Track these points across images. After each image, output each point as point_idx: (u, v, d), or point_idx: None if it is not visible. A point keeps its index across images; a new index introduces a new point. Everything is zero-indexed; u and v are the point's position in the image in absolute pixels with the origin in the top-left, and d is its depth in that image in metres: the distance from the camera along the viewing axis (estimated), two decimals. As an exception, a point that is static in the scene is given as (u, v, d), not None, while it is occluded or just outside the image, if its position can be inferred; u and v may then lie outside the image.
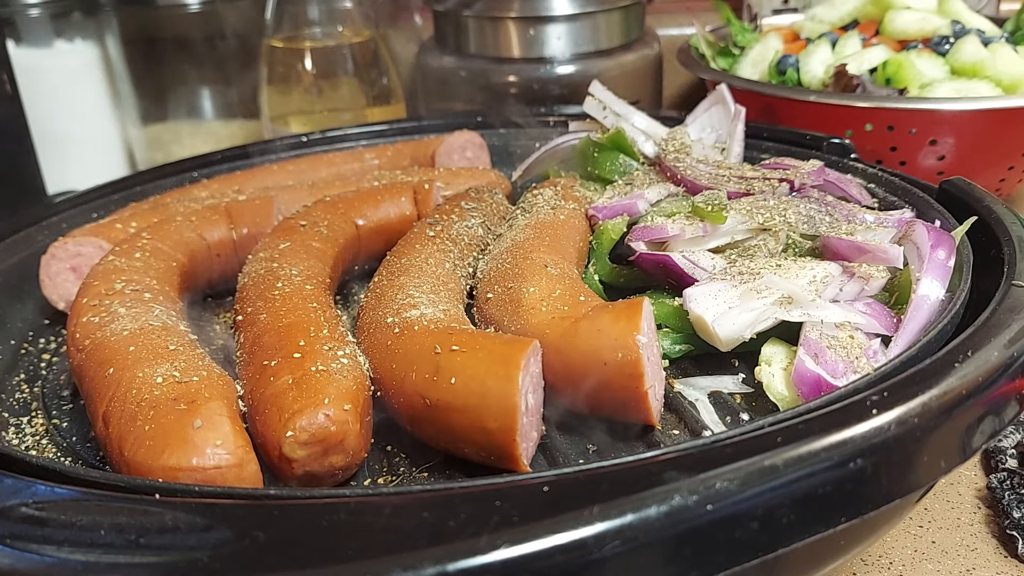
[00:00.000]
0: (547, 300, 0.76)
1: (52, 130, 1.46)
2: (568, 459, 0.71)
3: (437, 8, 1.54)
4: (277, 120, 1.53)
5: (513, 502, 0.45)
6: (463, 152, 1.25)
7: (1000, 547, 0.73)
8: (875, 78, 1.27)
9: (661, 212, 0.94)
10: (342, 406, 0.64)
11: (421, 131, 1.34)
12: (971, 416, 0.55)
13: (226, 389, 0.67)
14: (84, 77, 1.51)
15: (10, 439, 0.77)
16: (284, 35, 1.51)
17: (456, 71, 1.52)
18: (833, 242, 0.84)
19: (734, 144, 1.08)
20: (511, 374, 0.64)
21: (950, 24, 1.32)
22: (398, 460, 0.72)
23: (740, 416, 0.75)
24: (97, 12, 1.51)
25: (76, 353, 0.74)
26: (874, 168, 1.03)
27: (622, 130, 1.08)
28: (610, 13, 1.48)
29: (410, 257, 0.87)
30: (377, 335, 0.75)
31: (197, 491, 0.54)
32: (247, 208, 1.03)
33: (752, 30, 1.59)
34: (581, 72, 1.47)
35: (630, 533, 0.44)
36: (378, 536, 0.45)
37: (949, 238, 0.79)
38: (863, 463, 0.49)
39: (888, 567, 0.72)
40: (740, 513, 0.46)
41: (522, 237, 0.90)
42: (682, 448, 0.51)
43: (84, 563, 0.46)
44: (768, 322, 0.76)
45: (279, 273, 0.84)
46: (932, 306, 0.75)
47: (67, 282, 0.96)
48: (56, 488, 0.51)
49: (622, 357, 0.67)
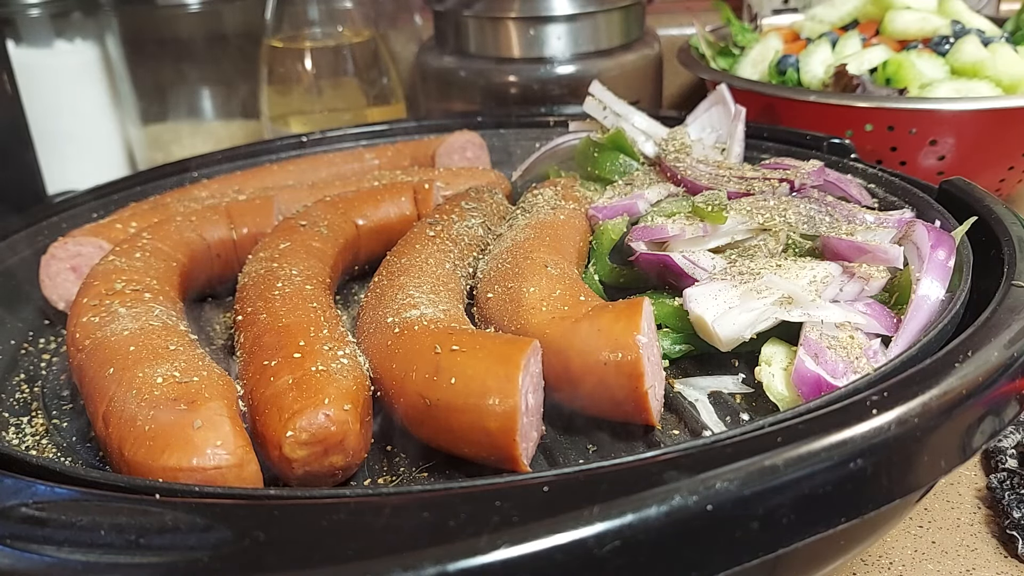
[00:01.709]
0: (547, 300, 0.76)
1: (52, 130, 1.46)
2: (568, 459, 0.71)
3: (437, 8, 1.54)
4: (277, 120, 1.53)
5: (513, 502, 0.45)
6: (463, 152, 1.25)
7: (1000, 547, 0.73)
8: (875, 78, 1.27)
9: (661, 212, 0.94)
10: (342, 406, 0.64)
11: (421, 131, 1.34)
12: (971, 416, 0.55)
13: (226, 389, 0.67)
14: (84, 77, 1.51)
15: (10, 439, 0.77)
16: (284, 35, 1.51)
17: (456, 71, 1.52)
18: (833, 242, 0.84)
19: (734, 144, 1.08)
20: (511, 374, 0.64)
21: (950, 24, 1.32)
22: (398, 460, 0.72)
23: (740, 416, 0.75)
24: (97, 12, 1.50)
25: (76, 353, 0.74)
26: (874, 168, 1.03)
27: (622, 130, 1.08)
28: (610, 13, 1.48)
29: (410, 257, 0.87)
30: (377, 335, 0.75)
31: (197, 491, 0.54)
32: (247, 208, 1.03)
33: (752, 30, 1.59)
34: (581, 72, 1.47)
35: (630, 533, 0.44)
36: (378, 536, 0.45)
37: (949, 238, 0.79)
38: (863, 463, 0.49)
39: (888, 567, 0.72)
40: (740, 513, 0.46)
41: (522, 237, 0.90)
42: (682, 448, 0.51)
43: (84, 563, 0.46)
44: (768, 322, 0.76)
45: (279, 273, 0.84)
46: (932, 306, 0.75)
47: (67, 282, 0.96)
48: (56, 488, 0.51)
49: (622, 357, 0.67)
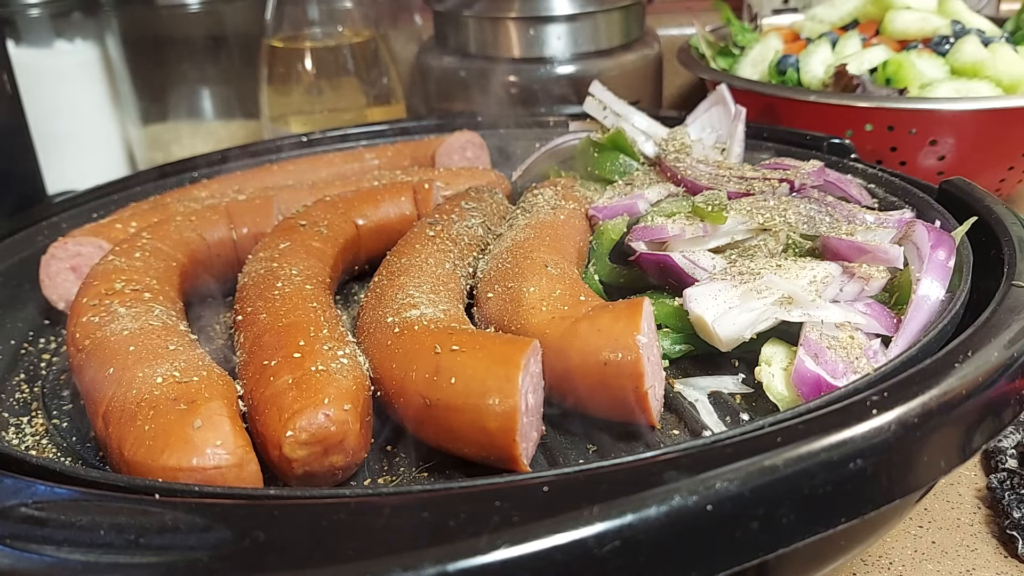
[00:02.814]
0: (547, 300, 0.76)
1: (52, 130, 1.46)
2: (568, 459, 0.71)
3: (437, 8, 1.54)
4: (277, 120, 1.53)
5: (513, 502, 0.45)
6: (463, 152, 1.25)
7: (1000, 547, 0.73)
8: (875, 78, 1.27)
9: (661, 212, 0.94)
10: (342, 406, 0.64)
11: (421, 131, 1.34)
12: (971, 416, 0.55)
13: (226, 389, 0.67)
14: (84, 77, 1.51)
15: (10, 439, 0.77)
16: (284, 35, 1.51)
17: (456, 71, 1.52)
18: (833, 242, 0.84)
19: (734, 144, 1.08)
20: (511, 374, 0.64)
21: (950, 24, 1.32)
22: (398, 460, 0.72)
23: (740, 416, 0.75)
24: (97, 12, 1.50)
25: (76, 353, 0.74)
26: (874, 168, 1.03)
27: (622, 130, 1.08)
28: (610, 13, 1.48)
29: (410, 257, 0.87)
30: (377, 335, 0.75)
31: (197, 491, 0.54)
32: (247, 208, 1.03)
33: (752, 30, 1.59)
34: (581, 72, 1.47)
35: (630, 533, 0.44)
36: (378, 536, 0.45)
37: (949, 238, 0.79)
38: (863, 463, 0.49)
39: (888, 567, 0.72)
40: (740, 513, 0.46)
41: (522, 237, 0.90)
42: (682, 448, 0.51)
43: (84, 563, 0.46)
44: (768, 322, 0.76)
45: (279, 273, 0.84)
46: (932, 306, 0.75)
47: (67, 282, 0.96)
48: (56, 488, 0.51)
49: (622, 357, 0.67)
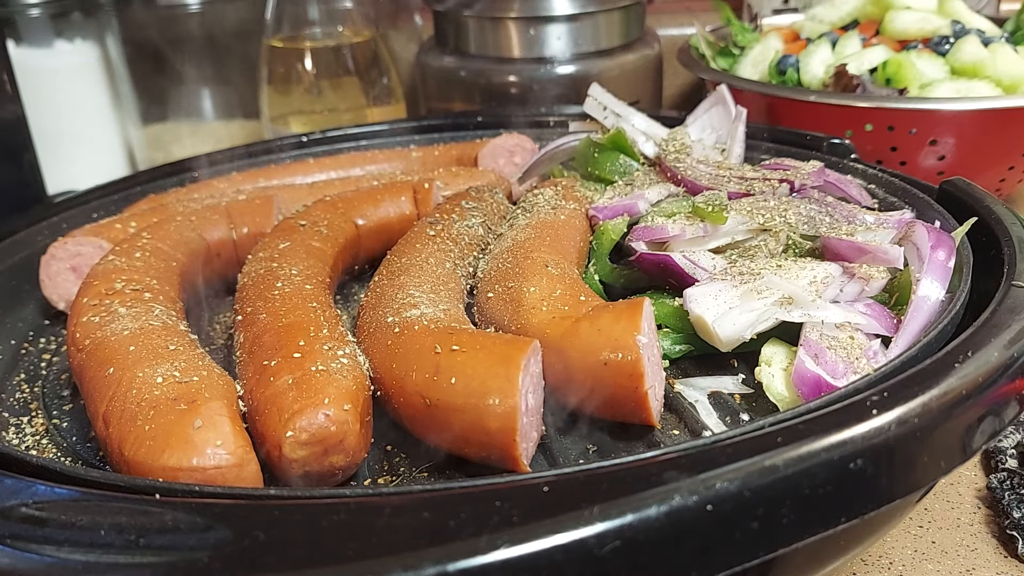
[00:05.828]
0: (547, 300, 0.76)
1: (52, 130, 1.46)
2: (568, 459, 0.71)
3: (437, 8, 1.54)
4: (277, 120, 1.53)
5: (513, 502, 0.45)
6: (510, 157, 1.15)
7: (1000, 547, 0.73)
8: (875, 78, 1.27)
9: (661, 212, 0.94)
10: (342, 406, 0.64)
11: (421, 131, 1.34)
12: (971, 416, 0.55)
13: (226, 389, 0.67)
14: (84, 77, 1.50)
15: (10, 439, 0.77)
16: (284, 35, 1.51)
17: (456, 71, 1.52)
18: (833, 243, 0.84)
19: (734, 145, 1.08)
20: (511, 374, 0.64)
21: (950, 24, 1.32)
22: (398, 460, 0.72)
23: (740, 416, 0.75)
24: (97, 12, 1.50)
25: (76, 353, 0.74)
26: (874, 168, 1.03)
27: (622, 130, 1.08)
28: (610, 13, 1.48)
29: (410, 256, 0.87)
30: (377, 335, 0.75)
31: (197, 491, 0.54)
32: (247, 208, 1.03)
33: (752, 30, 1.59)
34: (581, 72, 1.47)
35: (630, 533, 0.44)
36: (378, 536, 0.45)
37: (949, 239, 0.79)
38: (863, 463, 0.49)
39: (888, 567, 0.72)
40: (740, 513, 0.46)
41: (523, 237, 0.90)
42: (682, 448, 0.51)
43: (84, 563, 0.46)
44: (768, 322, 0.76)
45: (279, 273, 0.84)
46: (932, 307, 0.75)
47: (67, 282, 0.96)
48: (56, 488, 0.51)
49: (622, 357, 0.67)
